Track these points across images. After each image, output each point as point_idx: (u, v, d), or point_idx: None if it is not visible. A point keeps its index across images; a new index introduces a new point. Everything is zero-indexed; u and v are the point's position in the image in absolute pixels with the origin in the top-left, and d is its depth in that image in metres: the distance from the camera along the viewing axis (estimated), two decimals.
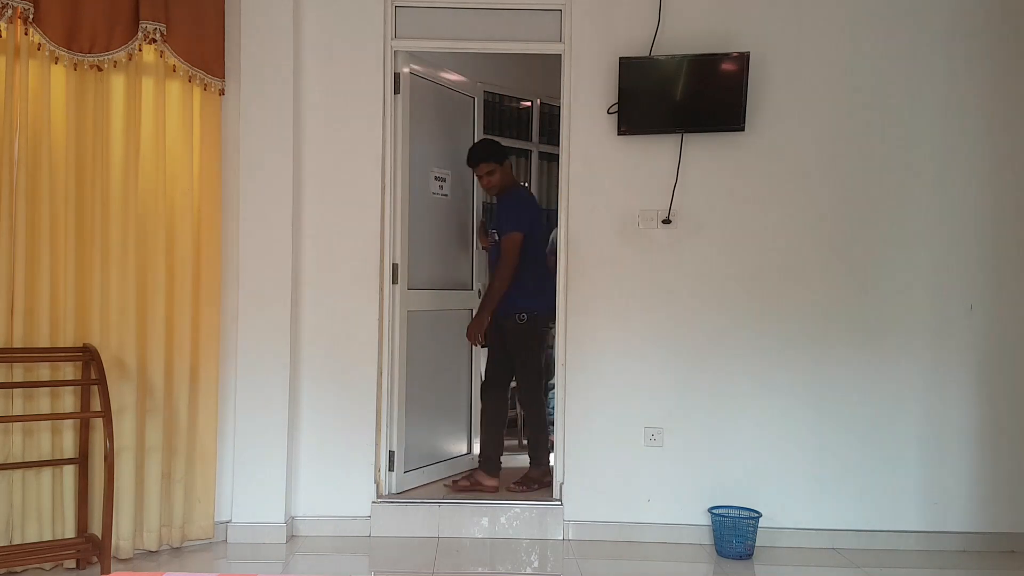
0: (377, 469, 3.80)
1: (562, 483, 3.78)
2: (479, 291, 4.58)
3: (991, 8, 3.72)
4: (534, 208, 4.19)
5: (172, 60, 3.39)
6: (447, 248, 4.39)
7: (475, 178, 4.35)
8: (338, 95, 3.75)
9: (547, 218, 4.64)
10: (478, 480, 4.04)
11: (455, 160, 4.35)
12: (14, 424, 3.14)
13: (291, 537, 3.69)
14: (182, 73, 3.42)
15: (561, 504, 3.76)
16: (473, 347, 4.45)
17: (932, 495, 3.74)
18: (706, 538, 3.72)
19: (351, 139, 3.77)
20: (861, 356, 3.74)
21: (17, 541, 3.18)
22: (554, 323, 3.92)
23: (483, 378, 4.37)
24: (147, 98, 3.38)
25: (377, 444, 3.80)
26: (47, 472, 3.22)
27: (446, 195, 4.31)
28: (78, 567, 3.27)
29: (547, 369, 4.38)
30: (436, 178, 4.22)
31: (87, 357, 3.19)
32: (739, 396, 3.75)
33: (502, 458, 4.16)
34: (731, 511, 3.67)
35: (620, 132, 3.70)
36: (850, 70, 3.74)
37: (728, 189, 3.76)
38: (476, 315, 4.15)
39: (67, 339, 3.23)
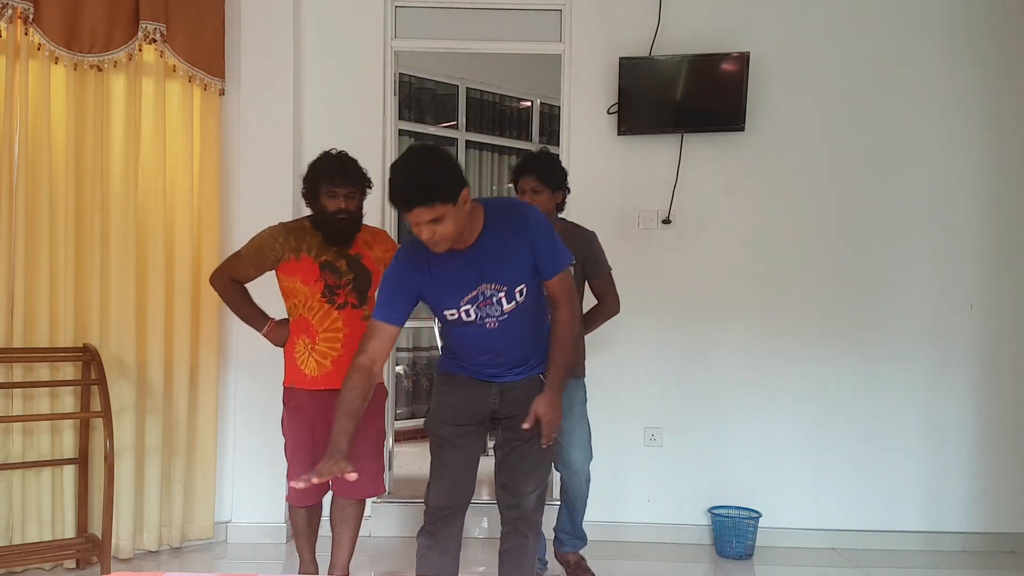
0: None
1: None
2: None
3: (991, 8, 3.72)
4: None
5: (172, 60, 3.39)
6: None
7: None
8: (338, 95, 3.75)
9: None
10: None
11: None
12: (14, 424, 3.15)
13: (291, 537, 3.68)
14: (182, 73, 3.42)
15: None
16: None
17: (932, 495, 3.74)
18: (706, 538, 3.72)
19: (351, 139, 3.73)
20: (861, 355, 3.73)
21: (17, 541, 3.18)
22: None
23: (432, 502, 2.46)
24: (147, 98, 3.39)
25: None
26: (47, 472, 3.22)
27: None
28: (78, 567, 3.27)
29: None
30: None
31: (87, 357, 3.19)
32: (739, 396, 3.75)
33: None
34: (731, 511, 3.66)
35: (620, 132, 3.70)
36: (850, 70, 3.73)
37: (728, 189, 3.76)
38: (551, 395, 2.36)
39: (67, 339, 3.23)
